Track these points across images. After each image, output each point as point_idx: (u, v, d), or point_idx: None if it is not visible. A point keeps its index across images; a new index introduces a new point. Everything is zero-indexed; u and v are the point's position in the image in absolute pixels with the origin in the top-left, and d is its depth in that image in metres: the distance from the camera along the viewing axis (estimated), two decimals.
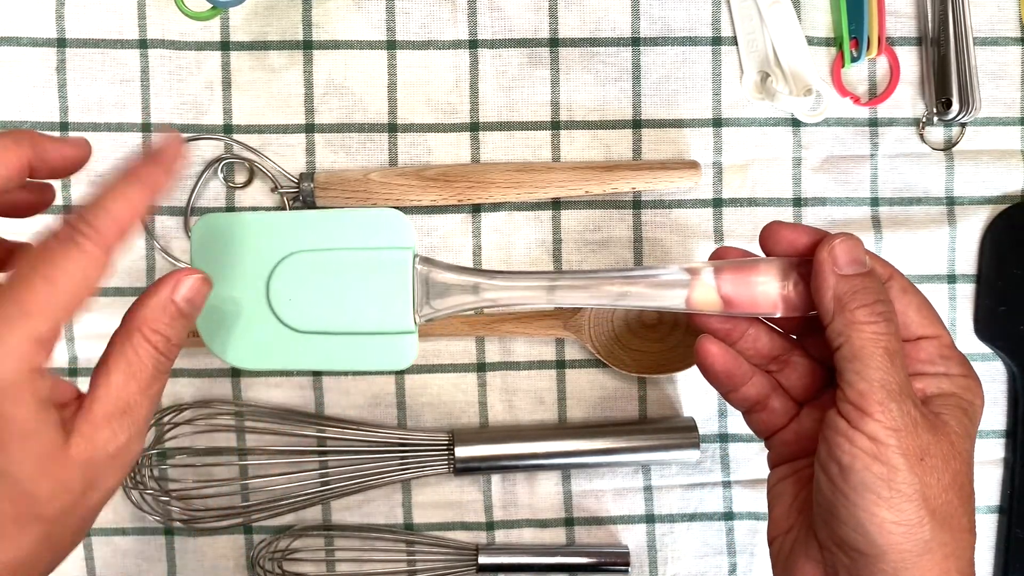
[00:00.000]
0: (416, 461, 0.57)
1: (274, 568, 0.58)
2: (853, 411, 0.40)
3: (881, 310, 0.41)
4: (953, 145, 0.60)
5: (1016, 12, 0.60)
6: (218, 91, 0.59)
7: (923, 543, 0.39)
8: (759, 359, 0.46)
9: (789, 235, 0.44)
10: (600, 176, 0.58)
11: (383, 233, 0.45)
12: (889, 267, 0.44)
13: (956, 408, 0.42)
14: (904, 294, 0.43)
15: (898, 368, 0.40)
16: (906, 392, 0.40)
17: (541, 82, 0.59)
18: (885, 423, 0.39)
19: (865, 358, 0.40)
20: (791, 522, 0.44)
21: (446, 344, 0.60)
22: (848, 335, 0.40)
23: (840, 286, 0.41)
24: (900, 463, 0.39)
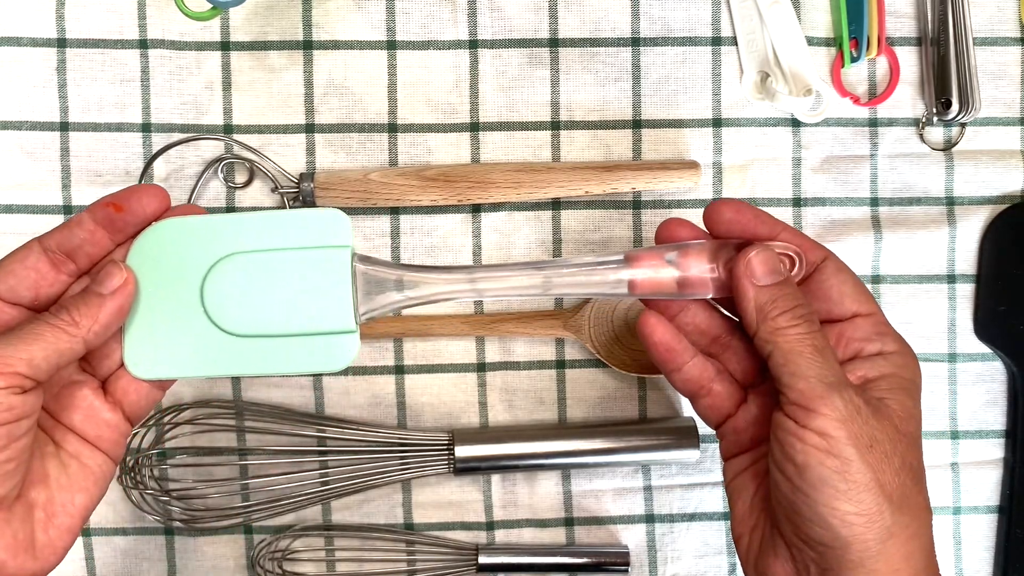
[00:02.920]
0: (416, 461, 0.57)
1: (274, 568, 0.58)
2: (798, 410, 0.40)
3: (801, 312, 0.43)
4: (953, 145, 0.60)
5: (1016, 12, 0.60)
6: (218, 91, 0.59)
7: (885, 529, 0.40)
8: (700, 338, 0.47)
9: (730, 215, 0.45)
10: (600, 176, 0.58)
11: (321, 232, 0.44)
12: (821, 249, 0.45)
13: (897, 389, 0.43)
14: (839, 272, 0.45)
15: (830, 361, 0.41)
16: (844, 382, 0.41)
17: (541, 82, 0.59)
18: (831, 416, 0.40)
19: (796, 358, 0.41)
20: (755, 519, 0.45)
21: (446, 344, 0.60)
22: (775, 341, 0.42)
23: (760, 297, 0.43)
24: (851, 454, 0.40)
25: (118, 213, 0.42)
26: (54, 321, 0.40)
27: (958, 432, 0.60)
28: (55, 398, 0.42)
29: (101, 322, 0.41)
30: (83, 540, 0.59)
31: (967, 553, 0.61)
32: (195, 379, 0.58)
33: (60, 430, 0.42)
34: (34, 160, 0.58)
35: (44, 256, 0.42)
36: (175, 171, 0.58)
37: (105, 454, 0.43)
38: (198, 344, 0.44)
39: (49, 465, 0.41)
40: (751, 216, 0.45)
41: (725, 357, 0.47)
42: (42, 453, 0.41)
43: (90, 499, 0.42)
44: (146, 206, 0.43)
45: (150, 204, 0.43)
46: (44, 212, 0.58)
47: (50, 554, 0.40)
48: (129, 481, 0.57)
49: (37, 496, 0.40)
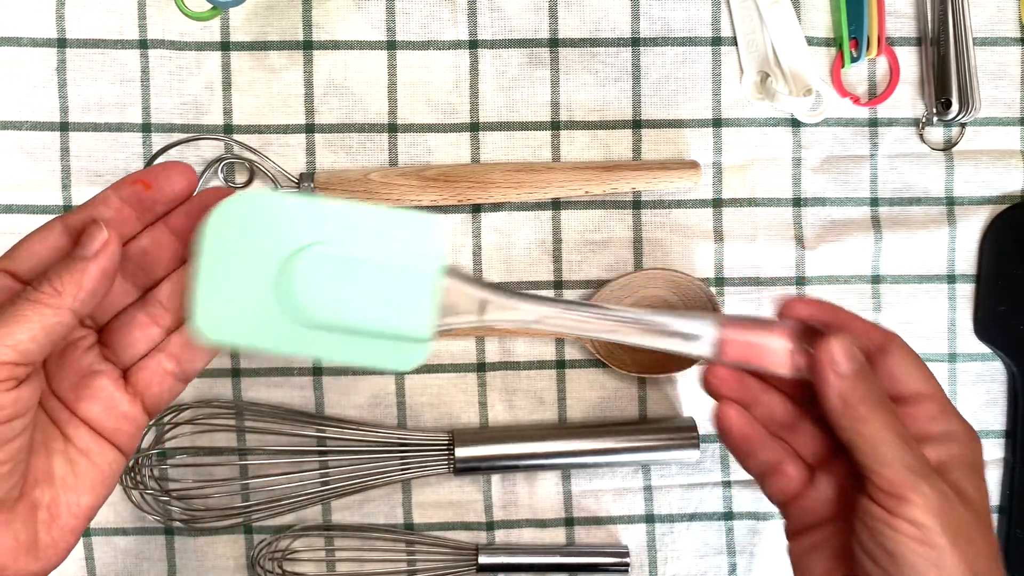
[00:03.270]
0: (416, 461, 0.57)
1: (274, 568, 0.58)
2: (888, 498, 0.40)
3: (882, 400, 0.42)
4: (953, 145, 0.60)
5: (1016, 12, 0.60)
6: (218, 91, 0.59)
7: None
8: (772, 425, 0.47)
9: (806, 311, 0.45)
10: (600, 176, 0.58)
11: (416, 238, 0.42)
12: (887, 332, 0.45)
13: (968, 471, 0.42)
14: (904, 355, 0.44)
15: (914, 448, 0.41)
16: (929, 469, 0.41)
17: (541, 82, 0.59)
18: (922, 504, 0.40)
19: (882, 447, 0.41)
20: None
21: (446, 344, 0.60)
22: (858, 429, 0.41)
23: (842, 386, 0.42)
24: (944, 542, 0.39)
25: (147, 191, 0.40)
26: (35, 296, 0.37)
27: None
28: (73, 388, 0.40)
29: (87, 288, 0.37)
30: (83, 540, 0.59)
31: None
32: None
33: (74, 423, 0.40)
34: (34, 160, 0.58)
35: (65, 235, 0.39)
36: None
37: (118, 449, 0.40)
38: (269, 319, 0.42)
39: (56, 463, 0.39)
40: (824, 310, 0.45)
41: (794, 439, 0.47)
42: (49, 450, 0.39)
43: (97, 499, 0.40)
44: (175, 184, 0.41)
45: (179, 182, 0.41)
46: (44, 212, 0.58)
47: (52, 555, 0.39)
48: (129, 481, 0.57)
49: (41, 496, 0.38)
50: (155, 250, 0.41)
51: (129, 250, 0.41)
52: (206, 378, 0.59)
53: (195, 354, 0.42)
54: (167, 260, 0.42)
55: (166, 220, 0.41)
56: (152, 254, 0.41)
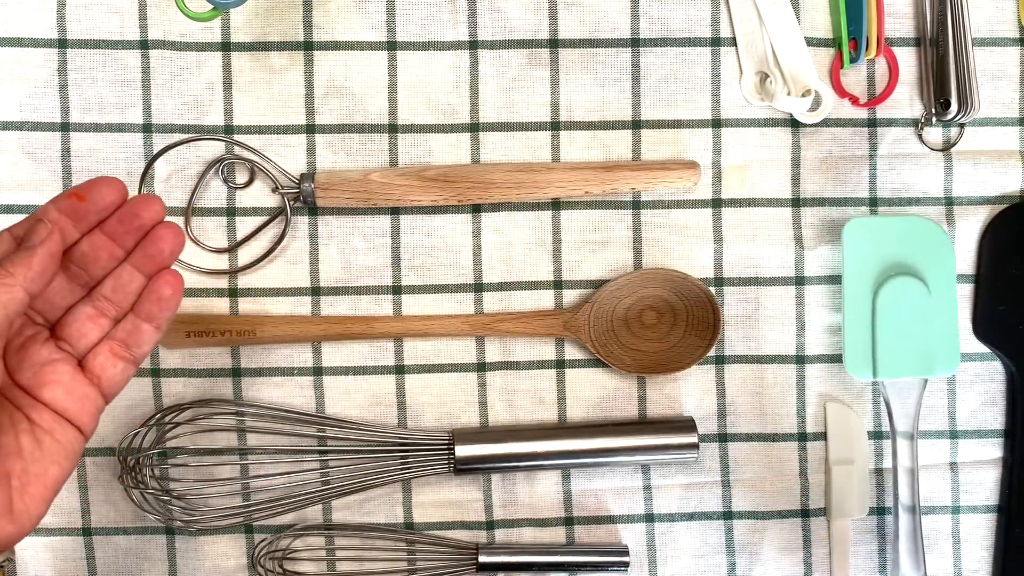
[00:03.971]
0: (416, 461, 0.58)
1: (275, 567, 0.58)
2: None
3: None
4: (952, 145, 0.60)
5: (1014, 13, 0.60)
6: (219, 92, 0.59)
7: None
8: None
9: None
10: (600, 177, 0.58)
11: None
12: None
13: None
14: None
15: None
16: None
17: (541, 83, 0.59)
18: None
19: None
20: None
21: (446, 344, 0.60)
22: None
23: None
24: None
25: (81, 202, 0.45)
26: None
27: (957, 432, 0.60)
28: (34, 376, 0.44)
29: (35, 268, 0.42)
30: (84, 539, 0.59)
31: (966, 553, 0.61)
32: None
33: (37, 408, 0.44)
34: (35, 160, 0.58)
35: (15, 244, 0.44)
36: (176, 171, 0.59)
37: (78, 429, 0.45)
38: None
39: (23, 440, 0.43)
40: None
41: None
42: (16, 430, 0.43)
43: (62, 471, 0.44)
44: (106, 195, 0.45)
45: (109, 194, 0.45)
46: None
47: (26, 520, 0.42)
48: (130, 481, 0.57)
49: (12, 466, 0.42)
50: (93, 252, 0.46)
51: (71, 254, 0.46)
52: (206, 378, 0.59)
53: (141, 338, 0.47)
54: (105, 260, 0.46)
55: (102, 227, 0.46)
56: (91, 256, 0.46)
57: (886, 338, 0.57)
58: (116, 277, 0.47)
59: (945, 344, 0.57)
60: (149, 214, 0.46)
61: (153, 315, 0.47)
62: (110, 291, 0.47)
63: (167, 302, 0.46)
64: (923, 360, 0.57)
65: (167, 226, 0.46)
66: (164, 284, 0.46)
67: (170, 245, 0.46)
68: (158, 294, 0.46)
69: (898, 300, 0.57)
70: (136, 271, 0.47)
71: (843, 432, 0.58)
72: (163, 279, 0.46)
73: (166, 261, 0.47)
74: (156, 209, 0.46)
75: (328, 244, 0.59)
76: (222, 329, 0.58)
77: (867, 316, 0.57)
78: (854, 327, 0.57)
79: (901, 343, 0.57)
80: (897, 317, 0.56)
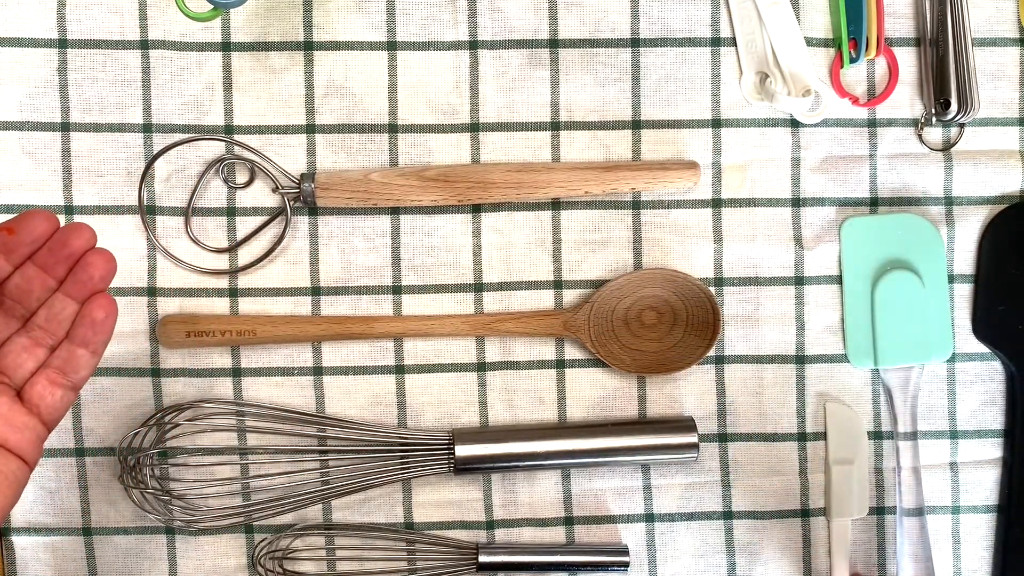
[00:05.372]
0: (416, 460, 0.58)
1: (275, 567, 0.58)
2: None
3: None
4: (951, 145, 0.60)
5: (1014, 13, 0.60)
6: (219, 92, 0.59)
7: None
8: None
9: None
10: (600, 176, 0.58)
11: None
12: None
13: None
14: None
15: None
16: None
17: (541, 83, 0.59)
18: None
19: None
20: None
21: (446, 344, 0.60)
22: None
23: None
24: None
25: (10, 236, 0.45)
26: None
27: (957, 432, 0.61)
28: None
29: None
30: (84, 539, 0.59)
31: (966, 552, 0.61)
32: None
33: None
34: (35, 160, 0.58)
35: None
36: (176, 171, 0.59)
37: (21, 459, 0.45)
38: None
39: None
40: None
41: None
42: None
43: (6, 501, 0.44)
44: (35, 228, 0.45)
45: (39, 226, 0.45)
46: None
47: None
48: (130, 481, 0.57)
49: None
50: (27, 284, 0.46)
51: (4, 288, 0.46)
52: (206, 378, 0.59)
53: (78, 363, 0.47)
54: (39, 291, 0.47)
55: (34, 258, 0.46)
56: (24, 288, 0.46)
57: (885, 328, 0.59)
58: (49, 306, 0.47)
59: (939, 332, 0.60)
60: (79, 242, 0.46)
61: (88, 339, 0.46)
62: (44, 320, 0.47)
63: (101, 325, 0.46)
64: (920, 347, 0.60)
65: (97, 252, 0.46)
66: (97, 308, 0.46)
67: (100, 270, 0.46)
68: (91, 318, 0.46)
69: (895, 293, 0.59)
70: (68, 298, 0.47)
71: (843, 432, 0.59)
72: (96, 303, 0.46)
73: (97, 286, 0.46)
74: (86, 236, 0.46)
75: (328, 244, 0.59)
76: (222, 329, 0.58)
77: (866, 309, 0.60)
78: (854, 320, 0.60)
79: (899, 332, 0.59)
80: (894, 309, 0.59)
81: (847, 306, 0.60)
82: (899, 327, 0.59)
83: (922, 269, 0.60)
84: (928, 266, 0.60)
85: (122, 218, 0.59)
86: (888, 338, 0.59)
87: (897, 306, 0.59)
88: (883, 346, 0.59)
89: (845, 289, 0.60)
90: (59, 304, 0.47)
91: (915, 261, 0.60)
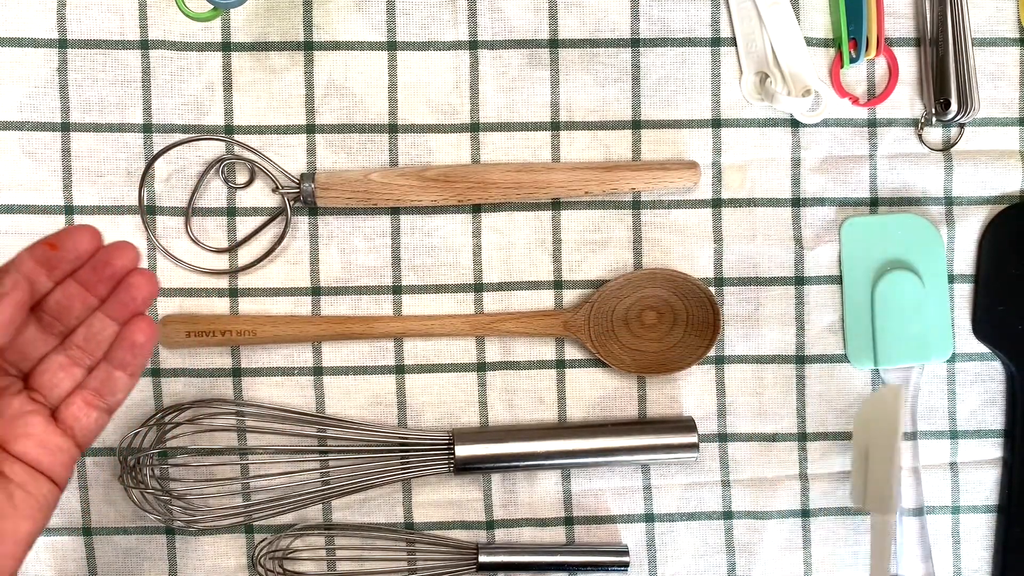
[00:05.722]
0: (416, 460, 0.58)
1: (275, 567, 0.58)
2: None
3: None
4: (951, 145, 0.60)
5: (1014, 13, 0.60)
6: (219, 92, 0.59)
7: None
8: None
9: None
10: (600, 177, 0.58)
11: None
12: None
13: None
14: None
15: None
16: None
17: (541, 83, 0.59)
18: None
19: None
20: None
21: (446, 344, 0.60)
22: None
23: None
24: None
25: (53, 251, 0.44)
26: None
27: (957, 432, 0.61)
28: (6, 428, 0.44)
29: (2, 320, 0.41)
30: (84, 539, 0.59)
31: (966, 552, 0.61)
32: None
33: (8, 461, 0.43)
34: (35, 160, 0.58)
35: None
36: (176, 171, 0.59)
37: (52, 481, 0.44)
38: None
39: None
40: None
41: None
42: None
43: (35, 526, 0.43)
44: (79, 244, 0.45)
45: (83, 242, 0.45)
46: (45, 212, 0.58)
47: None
48: (130, 481, 0.57)
49: None
50: (67, 301, 0.45)
51: (44, 304, 0.45)
52: (206, 378, 0.59)
53: (115, 386, 0.46)
54: (79, 309, 0.46)
55: (75, 275, 0.45)
56: (64, 305, 0.45)
57: (884, 328, 0.59)
58: (88, 325, 0.46)
59: (939, 332, 0.60)
60: (122, 261, 0.45)
61: (126, 362, 0.46)
62: (83, 340, 0.46)
63: (140, 349, 0.46)
64: (920, 347, 0.60)
65: (141, 273, 0.46)
66: (137, 331, 0.45)
67: (143, 292, 0.45)
68: (131, 341, 0.45)
69: (895, 293, 0.59)
70: (108, 319, 0.46)
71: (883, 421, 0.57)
72: (136, 326, 0.45)
73: (139, 308, 0.46)
74: (130, 256, 0.45)
75: (328, 244, 0.59)
76: (222, 329, 0.58)
77: (866, 309, 0.60)
78: (854, 320, 0.60)
79: (899, 332, 0.59)
80: (894, 309, 0.59)
81: (847, 306, 0.60)
82: (899, 327, 0.59)
83: (922, 269, 0.59)
84: (928, 266, 0.60)
85: (122, 218, 0.59)
86: (888, 338, 0.59)
87: (897, 306, 0.59)
88: (883, 346, 0.59)
89: (845, 289, 0.60)
90: (99, 324, 0.46)
91: (915, 261, 0.60)
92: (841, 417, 0.60)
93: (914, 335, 0.60)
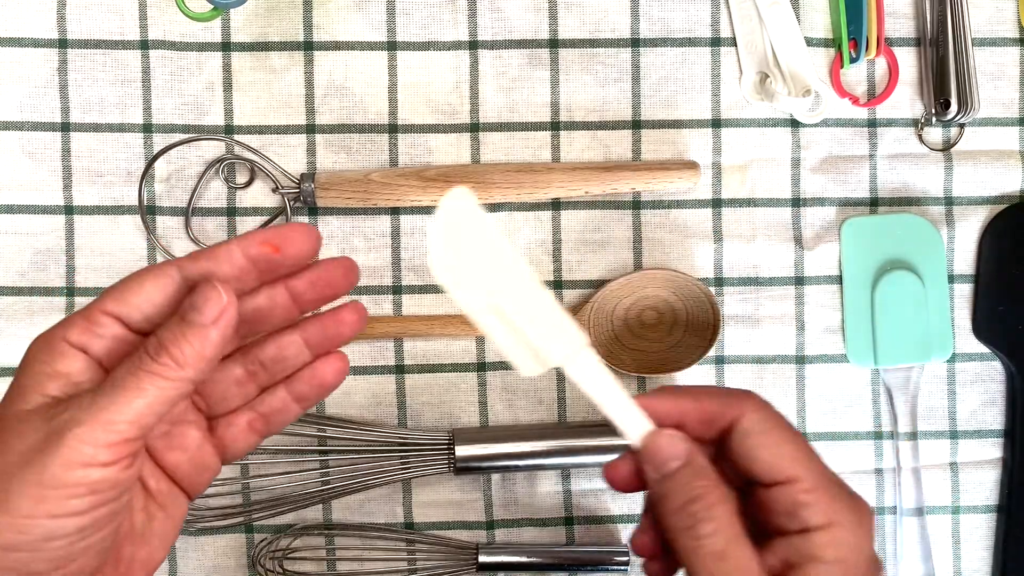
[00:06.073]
0: (416, 461, 0.58)
1: (275, 567, 0.58)
2: None
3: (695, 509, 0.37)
4: (951, 146, 0.60)
5: (1014, 13, 0.60)
6: (219, 92, 0.59)
7: None
8: None
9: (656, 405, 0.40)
10: (600, 176, 0.58)
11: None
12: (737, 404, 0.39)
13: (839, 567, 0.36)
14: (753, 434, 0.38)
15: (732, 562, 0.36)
16: None
17: (541, 83, 0.59)
18: None
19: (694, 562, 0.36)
20: None
21: (446, 344, 0.60)
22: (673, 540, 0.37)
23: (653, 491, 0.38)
24: None
25: (275, 254, 0.38)
26: (153, 367, 0.35)
27: (957, 432, 0.60)
28: (162, 436, 0.39)
29: (208, 357, 0.36)
30: None
31: (966, 552, 0.61)
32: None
33: (156, 474, 0.39)
34: (35, 160, 0.58)
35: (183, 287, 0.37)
36: (176, 171, 0.59)
37: (187, 497, 0.40)
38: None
39: (136, 517, 0.38)
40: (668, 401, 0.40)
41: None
42: (131, 507, 0.37)
43: (165, 553, 0.39)
44: (300, 248, 0.39)
45: (304, 246, 0.39)
46: (45, 212, 0.58)
47: None
48: None
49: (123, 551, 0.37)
50: (269, 308, 0.39)
51: (244, 305, 0.38)
52: None
53: (287, 417, 0.41)
54: (278, 320, 0.40)
55: (286, 282, 0.40)
56: (265, 312, 0.39)
57: (885, 328, 0.59)
58: (282, 347, 0.40)
59: (939, 331, 0.60)
60: (344, 285, 0.40)
61: (307, 398, 0.41)
62: (270, 359, 0.40)
63: (327, 388, 0.41)
64: (920, 347, 0.59)
65: (355, 308, 0.40)
66: (332, 371, 0.41)
67: (351, 331, 0.40)
68: (321, 379, 0.40)
69: (895, 293, 0.59)
70: (304, 345, 0.40)
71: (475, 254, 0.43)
72: (332, 365, 0.41)
73: (341, 344, 0.41)
74: (351, 280, 0.40)
75: (328, 244, 0.59)
76: None
77: (866, 309, 0.59)
78: (854, 320, 0.60)
79: (899, 332, 0.59)
80: (894, 309, 0.59)
81: (847, 306, 0.60)
82: (899, 327, 0.59)
83: (922, 269, 0.59)
84: (928, 266, 0.60)
85: (122, 218, 0.59)
86: (888, 338, 0.59)
87: (897, 306, 0.59)
88: (883, 346, 0.59)
89: (845, 289, 0.60)
90: (294, 350, 0.40)
91: (915, 261, 0.60)
92: (841, 417, 0.60)
93: (914, 335, 0.59)
